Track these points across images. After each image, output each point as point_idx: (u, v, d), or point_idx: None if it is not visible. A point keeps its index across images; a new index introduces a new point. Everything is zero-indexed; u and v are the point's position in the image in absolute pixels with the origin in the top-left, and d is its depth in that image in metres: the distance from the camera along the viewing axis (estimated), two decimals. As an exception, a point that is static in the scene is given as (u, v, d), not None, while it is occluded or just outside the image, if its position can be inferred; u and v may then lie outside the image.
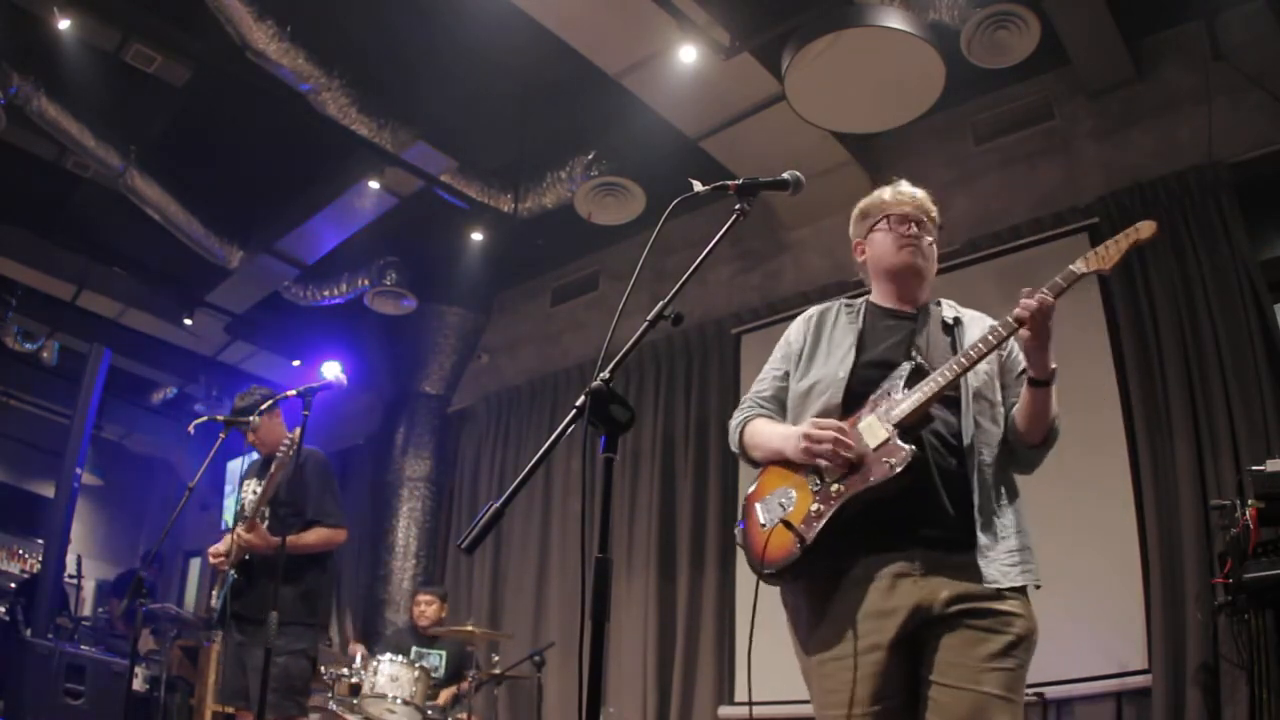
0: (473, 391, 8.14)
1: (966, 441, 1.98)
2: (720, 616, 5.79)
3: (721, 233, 1.89)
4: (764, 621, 2.10)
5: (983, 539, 1.90)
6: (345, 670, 4.97)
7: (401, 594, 7.29)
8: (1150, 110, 5.09)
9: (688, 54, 4.93)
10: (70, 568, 7.98)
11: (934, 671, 1.83)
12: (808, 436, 1.96)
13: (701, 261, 1.84)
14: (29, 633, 5.48)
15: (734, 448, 2.27)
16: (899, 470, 1.87)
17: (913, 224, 2.20)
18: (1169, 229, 4.71)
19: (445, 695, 5.35)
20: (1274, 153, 4.62)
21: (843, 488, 1.92)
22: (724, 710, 5.53)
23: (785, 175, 1.98)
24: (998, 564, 1.89)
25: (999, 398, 2.09)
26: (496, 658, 5.50)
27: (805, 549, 1.90)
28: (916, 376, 2.00)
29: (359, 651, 5.42)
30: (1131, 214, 4.80)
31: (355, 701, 4.76)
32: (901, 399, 1.97)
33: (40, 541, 8.07)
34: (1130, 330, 4.75)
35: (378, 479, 7.92)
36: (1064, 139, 5.40)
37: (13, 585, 7.82)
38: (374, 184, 6.39)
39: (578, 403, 1.61)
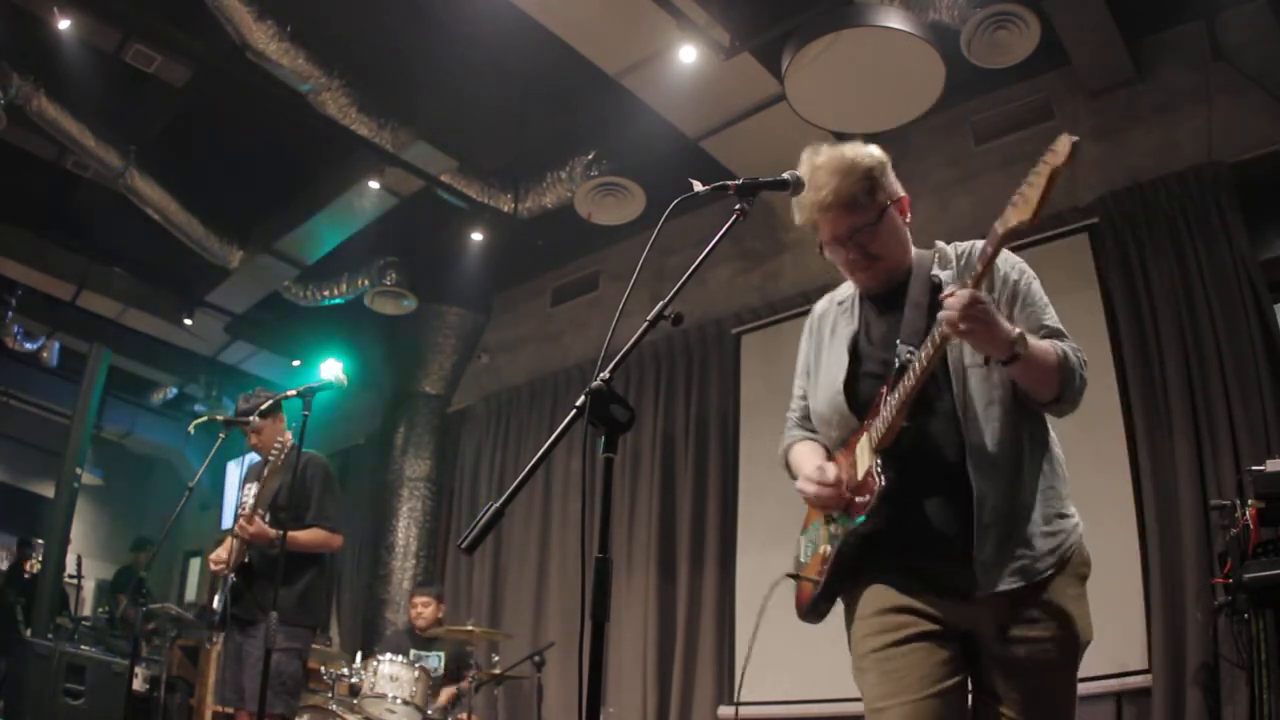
0: (473, 391, 8.14)
1: (969, 438, 1.79)
2: (720, 616, 5.79)
3: (721, 233, 1.88)
4: (765, 622, 2.11)
5: (978, 550, 1.75)
6: (345, 670, 4.96)
7: (401, 594, 7.28)
8: (1150, 110, 5.09)
9: (688, 54, 4.93)
10: (70, 568, 7.98)
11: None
12: (803, 494, 1.94)
13: (701, 261, 1.83)
14: (29, 633, 5.49)
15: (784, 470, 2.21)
16: (872, 507, 1.78)
17: (840, 246, 1.96)
18: (1169, 229, 4.70)
19: (446, 695, 5.35)
20: (1274, 153, 4.62)
21: (839, 529, 1.89)
22: (724, 710, 5.52)
23: (785, 175, 1.96)
24: (994, 570, 1.74)
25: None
26: (496, 658, 5.49)
27: (818, 595, 1.92)
28: (900, 377, 1.80)
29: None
30: (1131, 214, 4.79)
31: (355, 701, 4.76)
32: (880, 418, 1.82)
33: (40, 541, 8.07)
34: (1130, 330, 4.74)
35: (378, 479, 7.92)
36: (1064, 139, 5.39)
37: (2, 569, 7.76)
38: (374, 184, 6.38)
39: (578, 403, 1.60)
